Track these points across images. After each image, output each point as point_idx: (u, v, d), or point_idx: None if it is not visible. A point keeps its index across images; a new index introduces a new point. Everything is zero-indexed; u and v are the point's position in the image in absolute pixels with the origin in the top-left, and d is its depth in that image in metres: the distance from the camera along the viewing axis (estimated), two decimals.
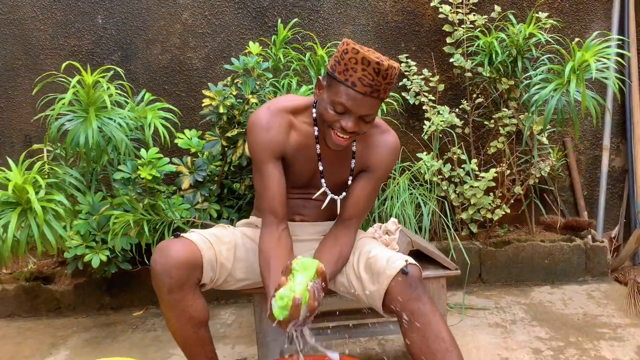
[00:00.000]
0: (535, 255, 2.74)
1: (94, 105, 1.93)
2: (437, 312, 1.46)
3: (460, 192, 2.72)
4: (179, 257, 1.47)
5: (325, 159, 1.63)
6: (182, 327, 1.53)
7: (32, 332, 2.51)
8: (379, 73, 1.39)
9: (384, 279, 1.49)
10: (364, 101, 1.42)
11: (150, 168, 2.22)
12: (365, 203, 1.66)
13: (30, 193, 1.70)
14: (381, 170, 1.66)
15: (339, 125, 1.46)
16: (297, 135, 1.60)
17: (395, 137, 1.67)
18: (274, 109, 1.58)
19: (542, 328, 2.27)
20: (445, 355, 1.42)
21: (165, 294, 1.47)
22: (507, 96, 2.73)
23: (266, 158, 1.57)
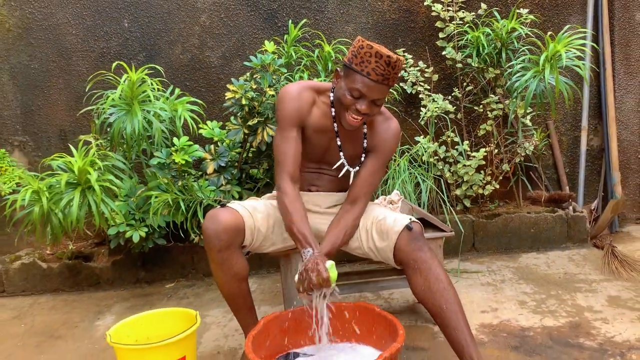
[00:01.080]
0: (522, 225, 3.07)
1: (136, 99, 2.25)
2: (435, 260, 1.79)
3: (454, 170, 3.04)
4: (226, 223, 1.78)
5: (342, 136, 1.94)
6: (228, 281, 1.84)
7: (78, 303, 2.84)
8: (390, 64, 1.71)
9: (392, 235, 1.82)
10: (376, 88, 1.73)
11: (182, 154, 2.55)
12: (370, 182, 1.95)
13: (91, 174, 2.02)
14: (384, 152, 1.95)
15: (355, 108, 1.77)
16: (318, 112, 1.90)
17: (397, 123, 1.98)
18: (303, 85, 1.90)
19: (527, 285, 2.60)
20: (444, 293, 1.74)
21: (215, 253, 1.78)
22: (494, 84, 3.05)
23: (291, 123, 1.85)
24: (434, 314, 1.76)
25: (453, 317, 1.72)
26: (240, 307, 1.92)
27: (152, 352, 1.68)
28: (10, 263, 2.99)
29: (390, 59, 1.70)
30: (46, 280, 2.99)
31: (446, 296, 1.74)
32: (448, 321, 1.73)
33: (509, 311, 2.33)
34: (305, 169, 2.03)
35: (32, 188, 2.22)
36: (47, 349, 2.32)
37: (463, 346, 1.69)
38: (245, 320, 1.94)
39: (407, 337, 2.15)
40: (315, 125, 1.91)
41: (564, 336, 2.08)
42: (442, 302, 1.73)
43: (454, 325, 1.72)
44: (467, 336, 1.70)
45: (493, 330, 2.17)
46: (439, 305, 1.74)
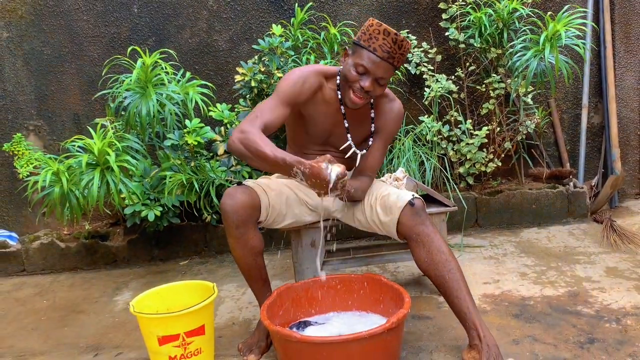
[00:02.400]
0: (524, 201, 3.16)
1: (150, 82, 2.33)
2: (437, 233, 1.88)
3: (457, 149, 3.13)
4: (244, 200, 1.87)
5: (349, 119, 2.02)
6: (245, 255, 1.93)
7: (96, 280, 2.96)
8: (396, 42, 1.79)
9: (396, 210, 1.91)
10: (381, 65, 1.81)
11: (194, 135, 2.64)
12: (377, 159, 2.05)
13: (110, 155, 2.11)
14: (388, 132, 2.04)
15: (358, 85, 1.84)
16: (324, 97, 1.97)
17: (401, 104, 2.06)
18: (311, 70, 1.94)
19: (528, 258, 2.70)
20: (446, 264, 1.84)
21: (233, 229, 1.87)
22: (496, 63, 3.12)
23: (283, 99, 1.86)
24: (438, 284, 1.85)
25: (455, 286, 1.81)
26: (256, 279, 2.02)
27: (173, 321, 1.79)
28: (30, 243, 3.10)
29: (397, 37, 1.79)
30: (64, 259, 3.11)
31: (448, 266, 1.83)
32: (451, 290, 1.82)
33: (511, 282, 2.43)
34: (310, 151, 2.11)
35: (52, 169, 2.32)
36: (71, 321, 2.44)
37: (465, 313, 1.79)
38: (260, 291, 2.04)
39: (413, 306, 2.25)
40: (318, 109, 1.98)
41: (562, 304, 2.18)
42: (445, 272, 1.82)
43: (457, 294, 1.81)
44: (470, 304, 1.80)
45: (495, 299, 2.27)
46: (442, 275, 1.82)
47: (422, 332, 2.05)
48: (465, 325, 1.80)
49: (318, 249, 2.20)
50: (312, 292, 2.04)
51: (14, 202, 3.37)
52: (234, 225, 1.88)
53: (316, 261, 2.12)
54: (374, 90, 1.86)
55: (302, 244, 2.25)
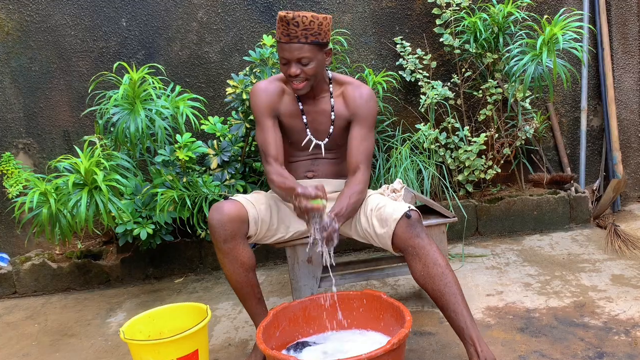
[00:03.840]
0: (525, 208, 3.10)
1: (138, 98, 2.27)
2: (433, 245, 1.82)
3: (455, 156, 3.07)
4: (230, 213, 1.83)
5: (308, 113, 2.06)
6: (235, 271, 1.89)
7: (89, 301, 2.88)
8: (289, 23, 1.85)
9: (391, 222, 1.85)
10: (289, 48, 1.88)
11: (186, 150, 2.57)
12: (363, 149, 1.99)
13: (97, 174, 2.05)
14: (365, 117, 2.02)
15: (288, 74, 1.92)
16: (288, 99, 2.05)
17: (368, 88, 2.06)
18: (270, 79, 2.08)
19: (531, 267, 2.63)
20: (442, 277, 1.78)
21: (221, 243, 1.83)
22: (492, 68, 3.06)
23: (265, 114, 2.01)
24: (434, 298, 1.81)
25: (452, 300, 1.77)
26: (249, 297, 1.96)
27: (164, 347, 1.72)
28: (21, 264, 3.03)
29: (287, 17, 1.85)
30: (57, 279, 3.03)
31: (445, 280, 1.78)
32: (447, 304, 1.77)
33: (514, 293, 2.36)
34: (296, 158, 2.12)
35: (39, 190, 2.25)
36: (62, 347, 2.37)
37: (462, 328, 1.74)
38: (253, 310, 1.99)
39: (415, 322, 2.19)
40: (287, 112, 2.05)
41: (569, 316, 2.11)
42: (441, 286, 1.78)
43: (453, 307, 1.76)
44: (467, 318, 1.75)
45: (499, 312, 2.20)
46: (438, 289, 1.78)
47: (425, 349, 1.98)
48: (463, 341, 1.75)
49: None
50: (309, 311, 1.97)
51: (4, 222, 3.30)
52: (222, 240, 1.83)
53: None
54: (303, 72, 1.92)
55: (298, 260, 2.18)
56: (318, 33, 1.88)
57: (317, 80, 1.98)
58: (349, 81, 2.07)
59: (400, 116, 3.27)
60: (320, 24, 1.88)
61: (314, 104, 2.05)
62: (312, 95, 2.04)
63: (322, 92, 2.05)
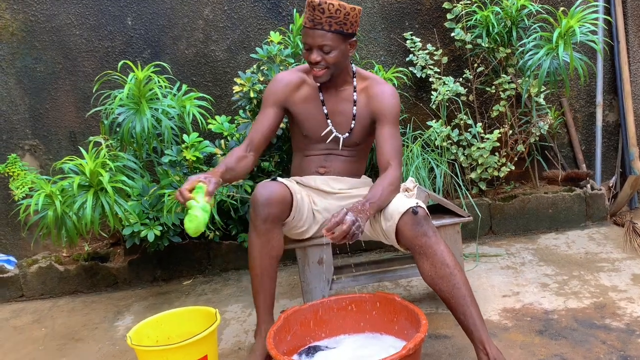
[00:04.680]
0: (539, 206, 3.03)
1: (144, 97, 2.22)
2: (441, 244, 1.76)
3: (468, 154, 3.00)
4: (278, 194, 1.83)
5: (329, 104, 2.02)
6: (263, 255, 1.86)
7: (97, 304, 2.84)
8: (315, 8, 1.83)
9: (395, 215, 1.80)
10: (312, 34, 1.87)
11: (193, 150, 2.52)
12: (394, 144, 1.95)
13: (103, 175, 2.00)
14: (390, 114, 1.98)
15: (309, 60, 1.90)
16: (307, 89, 2.04)
17: (391, 86, 2.03)
18: (293, 69, 2.09)
19: (548, 267, 2.56)
20: (450, 278, 1.73)
21: (260, 222, 1.81)
22: (505, 63, 2.99)
23: (268, 102, 2.04)
24: (443, 299, 1.77)
25: (461, 302, 1.72)
26: (266, 288, 1.92)
27: (172, 353, 1.67)
28: (28, 267, 3.00)
29: (314, 2, 1.83)
30: (64, 282, 2.99)
31: (453, 281, 1.73)
32: (457, 306, 1.73)
33: (531, 294, 2.30)
34: (310, 152, 2.10)
35: (45, 192, 2.21)
36: (69, 351, 2.33)
37: (472, 331, 1.69)
38: (264, 303, 1.93)
39: (429, 325, 2.11)
40: (304, 102, 2.03)
41: (589, 318, 2.04)
42: (450, 287, 1.73)
43: (463, 310, 1.72)
44: (477, 320, 1.70)
45: (516, 314, 2.14)
46: (447, 290, 1.74)
47: (441, 353, 1.92)
48: (473, 343, 1.71)
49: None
50: (321, 314, 1.92)
51: (11, 225, 3.27)
52: (262, 218, 1.81)
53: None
54: (324, 60, 1.90)
55: (308, 262, 2.12)
56: (344, 22, 1.87)
57: (339, 70, 1.96)
58: (371, 77, 2.05)
59: (411, 113, 3.20)
60: (347, 14, 1.86)
61: (335, 95, 2.03)
62: (333, 85, 2.02)
63: (345, 84, 2.04)
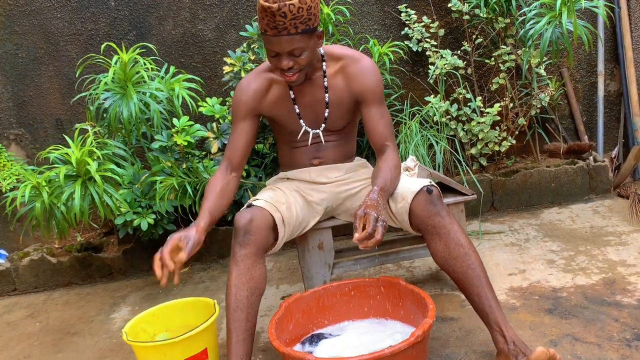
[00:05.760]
0: (542, 180, 2.96)
1: (130, 81, 2.12)
2: (455, 223, 1.69)
3: (468, 129, 2.91)
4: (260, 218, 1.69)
5: (301, 99, 1.88)
6: (240, 286, 1.63)
7: (92, 296, 2.77)
8: (275, 14, 1.61)
9: (408, 195, 1.72)
10: (279, 41, 1.66)
11: (184, 135, 2.43)
12: (384, 123, 1.84)
13: (90, 164, 1.91)
14: (373, 92, 1.85)
15: (280, 68, 1.73)
16: (277, 88, 1.88)
17: (368, 59, 1.86)
18: (255, 73, 1.90)
19: (553, 242, 2.50)
20: (465, 259, 1.66)
21: (239, 248, 1.65)
22: (504, 34, 2.89)
23: (239, 117, 1.88)
24: (457, 281, 1.69)
25: (476, 283, 1.65)
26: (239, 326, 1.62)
27: (171, 348, 1.60)
28: (19, 260, 2.91)
29: (271, 8, 1.61)
30: (57, 274, 2.92)
31: (468, 262, 1.66)
32: (471, 287, 1.66)
33: (538, 272, 2.24)
34: (298, 144, 1.97)
35: (32, 183, 2.12)
36: (65, 346, 2.26)
37: (487, 313, 1.63)
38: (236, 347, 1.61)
39: (435, 307, 2.06)
40: (276, 105, 1.89)
41: (599, 294, 1.98)
42: (464, 267, 1.66)
43: (477, 291, 1.65)
44: (492, 302, 1.63)
45: (523, 293, 2.08)
46: (461, 271, 1.66)
47: (448, 336, 1.86)
48: (488, 326, 1.64)
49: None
50: (323, 301, 1.85)
51: (0, 217, 3.18)
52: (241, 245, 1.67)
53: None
54: (297, 63, 1.72)
55: (308, 247, 2.05)
56: (308, 19, 1.66)
57: (312, 66, 1.81)
58: (345, 54, 1.86)
59: (408, 89, 3.10)
60: (309, 8, 1.64)
61: (307, 89, 1.87)
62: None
63: (315, 72, 1.86)
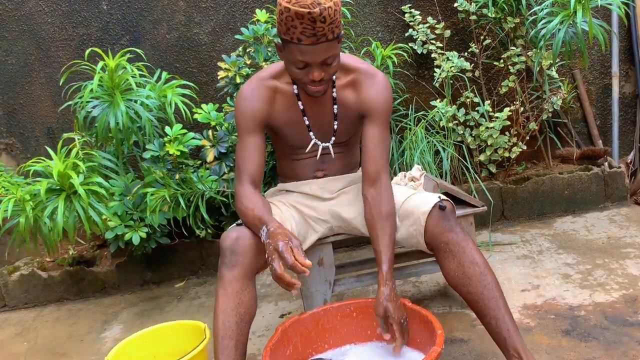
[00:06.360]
0: (554, 187, 2.81)
1: (118, 88, 2.00)
2: (469, 241, 1.55)
3: (476, 134, 2.78)
4: (250, 238, 1.52)
5: (310, 112, 1.71)
6: (227, 312, 1.49)
7: (83, 312, 2.65)
8: (315, 20, 1.43)
9: (421, 215, 1.58)
10: (316, 50, 1.48)
11: (177, 144, 2.31)
12: (382, 149, 1.68)
13: (73, 178, 1.79)
14: (381, 112, 1.69)
15: (308, 79, 1.54)
16: (282, 97, 1.69)
17: (384, 77, 1.70)
18: (257, 80, 1.69)
19: (568, 255, 2.36)
20: (480, 279, 1.52)
21: (226, 270, 1.50)
22: (514, 35, 2.75)
23: (246, 129, 1.67)
24: (471, 302, 1.56)
25: (492, 305, 1.52)
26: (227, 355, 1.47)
27: None
28: (9, 275, 2.80)
29: (313, 14, 1.42)
30: (48, 290, 2.80)
31: (484, 282, 1.52)
32: (487, 310, 1.52)
33: (553, 287, 2.10)
34: (300, 156, 1.81)
35: (15, 197, 2.00)
36: None
37: (505, 338, 1.49)
38: None
39: (443, 327, 1.93)
40: (283, 115, 1.71)
41: (620, 313, 1.84)
42: (480, 288, 1.52)
43: (494, 314, 1.51)
44: (510, 325, 1.49)
45: (538, 312, 1.94)
46: (476, 292, 1.53)
47: None
48: (505, 352, 1.50)
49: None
50: (323, 323, 1.72)
51: None
52: (228, 267, 1.51)
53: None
54: (328, 74, 1.56)
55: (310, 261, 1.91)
56: (339, 21, 1.51)
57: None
58: (359, 67, 1.69)
59: (412, 93, 2.97)
60: (337, 11, 1.48)
61: (316, 99, 1.69)
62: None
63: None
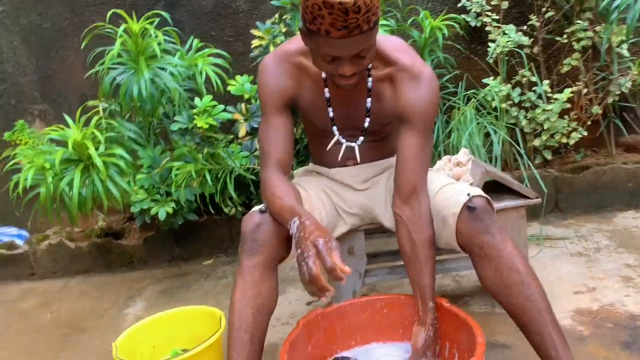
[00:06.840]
0: (617, 178, 2.56)
1: (143, 54, 1.87)
2: (508, 243, 1.34)
3: (531, 117, 2.54)
4: (273, 225, 1.37)
5: (336, 104, 1.49)
6: (245, 302, 1.35)
7: (109, 286, 2.59)
8: (348, 11, 1.18)
9: (450, 217, 1.38)
10: (347, 43, 1.24)
11: (206, 117, 2.17)
12: (422, 161, 1.44)
13: (90, 148, 1.68)
14: (423, 119, 1.43)
15: (338, 74, 1.31)
16: (309, 80, 1.47)
17: (430, 75, 1.42)
18: (282, 53, 1.46)
19: (630, 254, 2.12)
20: (522, 288, 1.32)
21: (246, 258, 1.36)
22: (580, 7, 2.48)
23: (271, 107, 1.46)
24: (512, 314, 1.37)
25: (536, 319, 1.32)
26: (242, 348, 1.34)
27: None
28: (38, 244, 2.76)
29: (345, 4, 1.17)
30: (76, 260, 2.75)
31: (526, 292, 1.32)
32: (530, 325, 1.33)
33: (611, 291, 1.88)
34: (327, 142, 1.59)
35: (36, 165, 1.92)
36: (69, 345, 2.08)
37: (552, 357, 1.29)
38: None
39: (483, 328, 1.74)
40: (308, 98, 1.49)
41: None
42: (521, 299, 1.33)
43: (539, 330, 1.32)
44: (558, 343, 1.29)
45: (593, 319, 1.73)
46: (518, 303, 1.33)
47: None
48: None
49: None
50: (349, 319, 1.57)
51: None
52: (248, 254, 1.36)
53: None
54: (360, 67, 1.32)
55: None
56: (377, 7, 1.26)
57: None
58: (402, 61, 1.42)
59: (463, 69, 2.74)
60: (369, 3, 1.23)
61: (346, 89, 1.44)
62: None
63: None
